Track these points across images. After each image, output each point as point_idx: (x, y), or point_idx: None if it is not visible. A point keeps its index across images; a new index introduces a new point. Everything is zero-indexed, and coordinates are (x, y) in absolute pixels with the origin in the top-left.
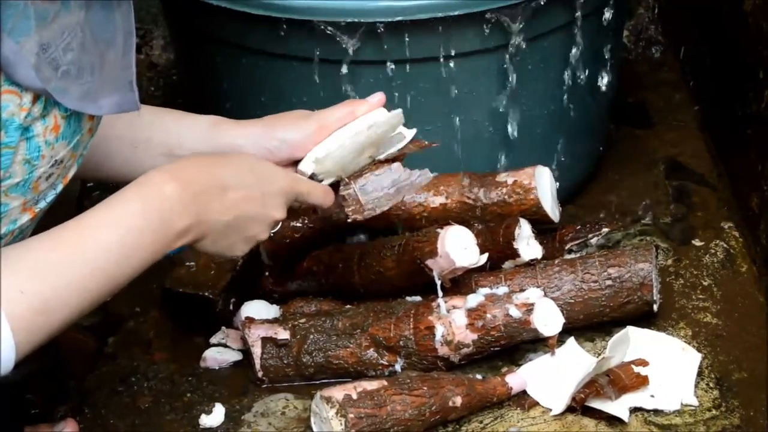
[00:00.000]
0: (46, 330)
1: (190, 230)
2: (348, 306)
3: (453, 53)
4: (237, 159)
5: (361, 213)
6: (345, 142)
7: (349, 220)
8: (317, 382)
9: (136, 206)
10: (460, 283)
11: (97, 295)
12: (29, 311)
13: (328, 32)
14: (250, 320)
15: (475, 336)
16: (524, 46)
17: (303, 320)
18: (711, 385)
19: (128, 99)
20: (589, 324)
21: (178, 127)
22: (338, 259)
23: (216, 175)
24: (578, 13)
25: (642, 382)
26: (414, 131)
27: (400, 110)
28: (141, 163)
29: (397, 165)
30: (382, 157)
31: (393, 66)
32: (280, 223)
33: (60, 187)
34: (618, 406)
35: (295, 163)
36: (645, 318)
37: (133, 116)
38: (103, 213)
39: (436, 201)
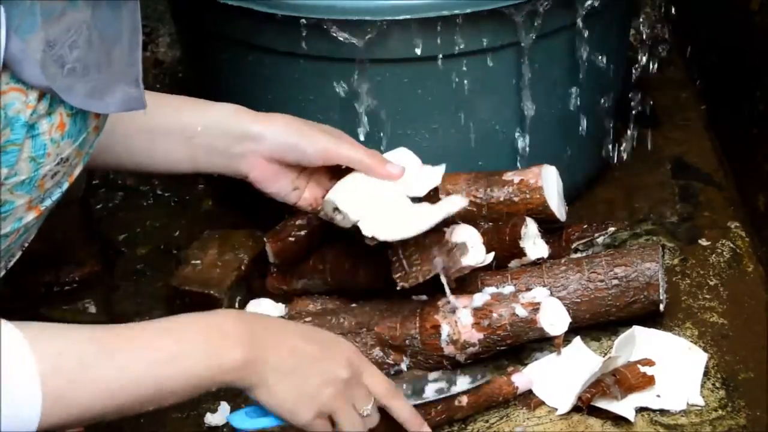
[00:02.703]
0: (73, 409)
1: (244, 366)
2: (354, 304)
3: (461, 52)
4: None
5: (406, 281)
6: (423, 227)
7: (397, 288)
8: None
9: (192, 326)
10: (466, 282)
11: (126, 401)
12: (62, 378)
13: (336, 30)
14: None
15: (481, 335)
16: (532, 45)
17: (308, 318)
18: (717, 385)
19: (134, 97)
20: (596, 323)
21: (196, 115)
22: (344, 257)
23: (278, 321)
24: (585, 12)
25: (648, 381)
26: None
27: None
28: (159, 151)
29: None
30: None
31: (401, 64)
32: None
33: (66, 186)
34: (624, 406)
35: (302, 169)
36: (651, 318)
37: (151, 106)
38: (159, 323)
39: None
